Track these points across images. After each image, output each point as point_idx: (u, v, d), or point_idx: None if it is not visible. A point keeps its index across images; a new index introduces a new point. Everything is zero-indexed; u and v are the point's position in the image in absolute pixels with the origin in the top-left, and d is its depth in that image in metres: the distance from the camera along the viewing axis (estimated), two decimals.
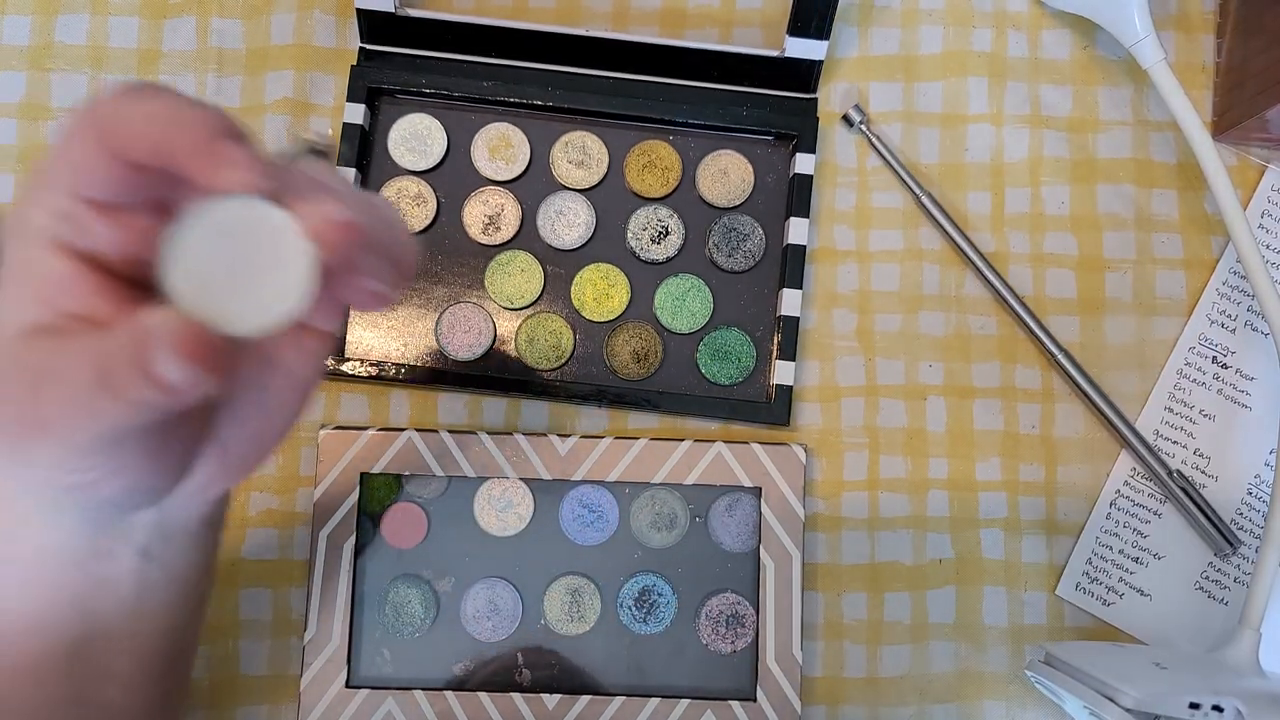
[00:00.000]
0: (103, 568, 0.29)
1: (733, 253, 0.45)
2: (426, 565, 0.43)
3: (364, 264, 0.26)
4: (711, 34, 0.47)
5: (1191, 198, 0.46)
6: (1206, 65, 0.47)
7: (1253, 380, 0.45)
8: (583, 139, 0.46)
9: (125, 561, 0.29)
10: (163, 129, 0.22)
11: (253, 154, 0.22)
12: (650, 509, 0.44)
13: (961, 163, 0.46)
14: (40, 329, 0.24)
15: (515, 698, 0.42)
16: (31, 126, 0.46)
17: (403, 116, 0.46)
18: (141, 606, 0.30)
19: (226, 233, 0.22)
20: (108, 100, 0.23)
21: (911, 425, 0.45)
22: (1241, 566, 0.44)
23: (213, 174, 0.22)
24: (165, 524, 0.29)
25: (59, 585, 0.28)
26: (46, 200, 0.24)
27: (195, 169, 0.22)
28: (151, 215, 0.25)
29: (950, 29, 0.47)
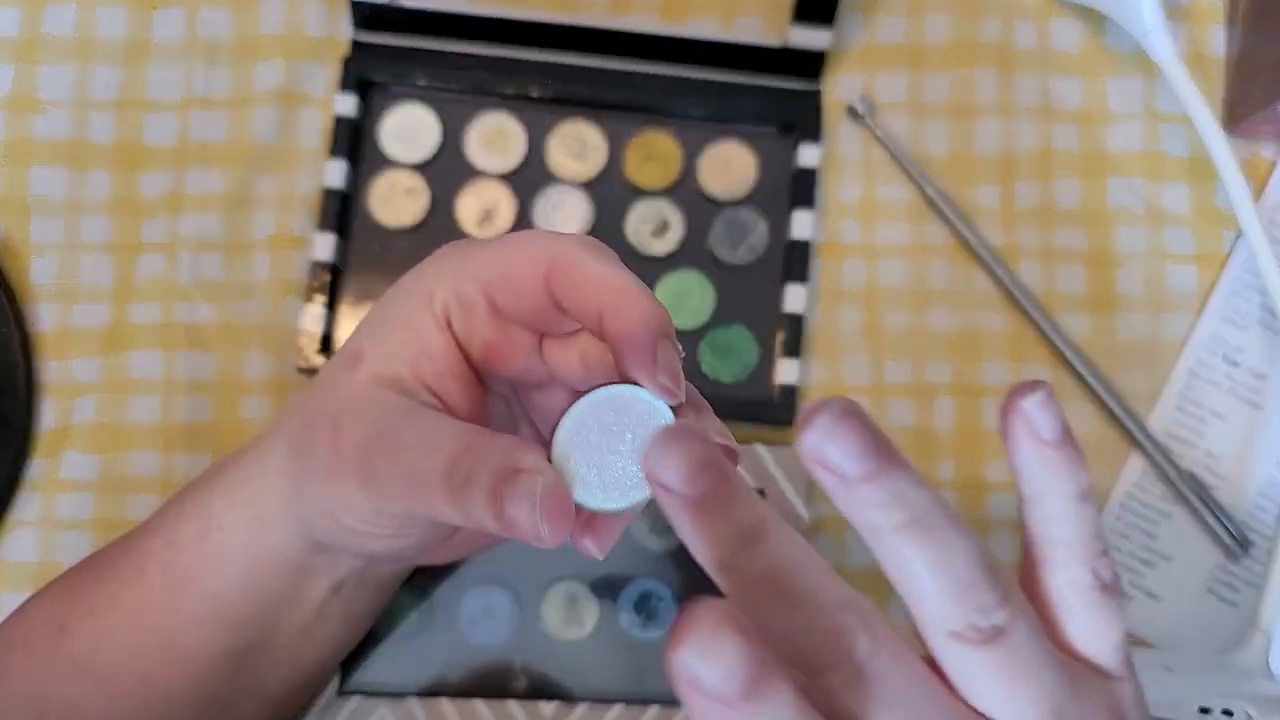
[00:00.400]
0: (303, 585, 0.31)
1: (735, 247, 0.44)
2: (421, 569, 0.42)
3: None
4: (713, 22, 0.46)
5: (1203, 191, 0.46)
6: (1217, 57, 0.47)
7: (1264, 379, 0.45)
8: (580, 130, 0.45)
9: (320, 588, 0.31)
10: (615, 309, 0.25)
11: (678, 364, 0.25)
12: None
13: (969, 155, 0.46)
14: (396, 383, 0.26)
15: (511, 704, 0.41)
16: (19, 119, 0.45)
17: (395, 107, 0.45)
18: (310, 633, 0.32)
19: (623, 415, 0.25)
20: (569, 243, 0.26)
21: (919, 425, 0.44)
22: (1253, 569, 0.44)
23: (649, 375, 0.24)
24: (366, 570, 0.32)
25: (266, 589, 0.30)
26: (457, 283, 0.26)
27: (634, 360, 0.24)
28: (527, 334, 0.27)
29: (958, 19, 0.46)
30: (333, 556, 0.31)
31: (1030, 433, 0.22)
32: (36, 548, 0.42)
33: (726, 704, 0.18)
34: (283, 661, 0.33)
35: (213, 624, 0.31)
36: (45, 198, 0.44)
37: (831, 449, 0.19)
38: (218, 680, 0.31)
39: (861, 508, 0.20)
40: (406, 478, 0.25)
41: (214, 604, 0.30)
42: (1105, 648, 0.23)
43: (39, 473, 0.43)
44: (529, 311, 0.26)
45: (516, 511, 0.23)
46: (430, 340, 0.26)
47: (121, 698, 0.31)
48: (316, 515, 0.28)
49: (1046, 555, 0.23)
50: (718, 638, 0.18)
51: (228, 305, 0.44)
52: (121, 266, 0.44)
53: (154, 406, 0.43)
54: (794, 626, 0.20)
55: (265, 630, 0.31)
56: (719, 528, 0.20)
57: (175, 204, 0.44)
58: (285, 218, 0.45)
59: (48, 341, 0.43)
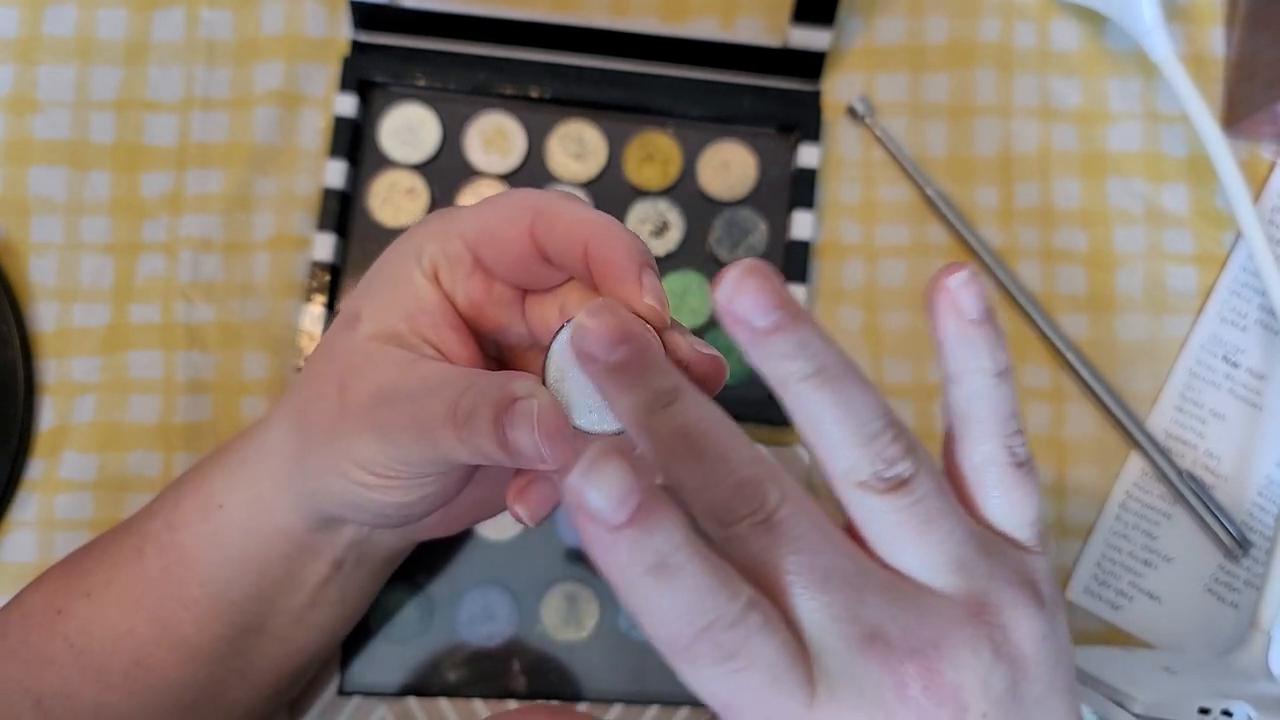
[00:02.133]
0: (301, 566, 0.31)
1: (735, 248, 0.44)
2: (420, 570, 0.42)
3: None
4: (713, 22, 0.46)
5: (1202, 192, 0.46)
6: (1216, 57, 0.47)
7: (1264, 379, 0.45)
8: (580, 130, 0.45)
9: (319, 569, 0.32)
10: (596, 239, 0.25)
11: (662, 289, 0.25)
12: None
13: (969, 156, 0.46)
14: (395, 338, 0.27)
15: (511, 704, 0.41)
16: (19, 119, 0.45)
17: (395, 107, 0.45)
18: (308, 616, 0.33)
19: None
20: (550, 194, 0.27)
21: (919, 426, 0.44)
22: (1252, 569, 0.44)
23: (637, 299, 0.25)
24: (363, 547, 0.32)
25: (264, 571, 0.31)
26: (444, 240, 0.27)
27: (620, 285, 0.25)
28: (512, 291, 0.28)
29: (957, 19, 0.46)
30: (334, 532, 0.31)
31: (954, 310, 0.23)
32: (35, 548, 0.42)
33: (614, 529, 0.19)
34: (277, 647, 0.33)
35: (209, 606, 0.31)
36: (45, 198, 0.44)
37: (741, 302, 0.21)
38: (211, 665, 0.31)
39: (771, 360, 0.21)
40: (413, 422, 0.25)
41: (211, 585, 0.31)
42: (1020, 522, 0.24)
43: (38, 472, 0.43)
44: (514, 264, 0.27)
45: (518, 436, 0.23)
46: (423, 295, 0.27)
47: (116, 682, 0.31)
48: (325, 480, 0.28)
49: (964, 432, 0.24)
50: (603, 463, 0.19)
51: (228, 305, 0.44)
52: (121, 266, 0.44)
53: (153, 406, 0.43)
54: (707, 481, 0.21)
55: (261, 614, 0.32)
56: (636, 391, 0.22)
57: (175, 204, 0.44)
58: (285, 218, 0.45)
59: (47, 341, 0.43)
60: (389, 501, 0.28)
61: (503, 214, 0.27)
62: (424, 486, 0.27)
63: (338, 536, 0.31)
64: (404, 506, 0.28)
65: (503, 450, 0.24)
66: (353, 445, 0.26)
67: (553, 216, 0.26)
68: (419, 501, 0.28)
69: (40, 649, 0.31)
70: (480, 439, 0.24)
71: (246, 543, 0.30)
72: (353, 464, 0.27)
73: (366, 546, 0.32)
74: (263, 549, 0.30)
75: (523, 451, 0.24)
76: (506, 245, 0.27)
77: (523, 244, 0.26)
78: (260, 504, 0.30)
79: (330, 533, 0.31)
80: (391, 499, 0.27)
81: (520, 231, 0.26)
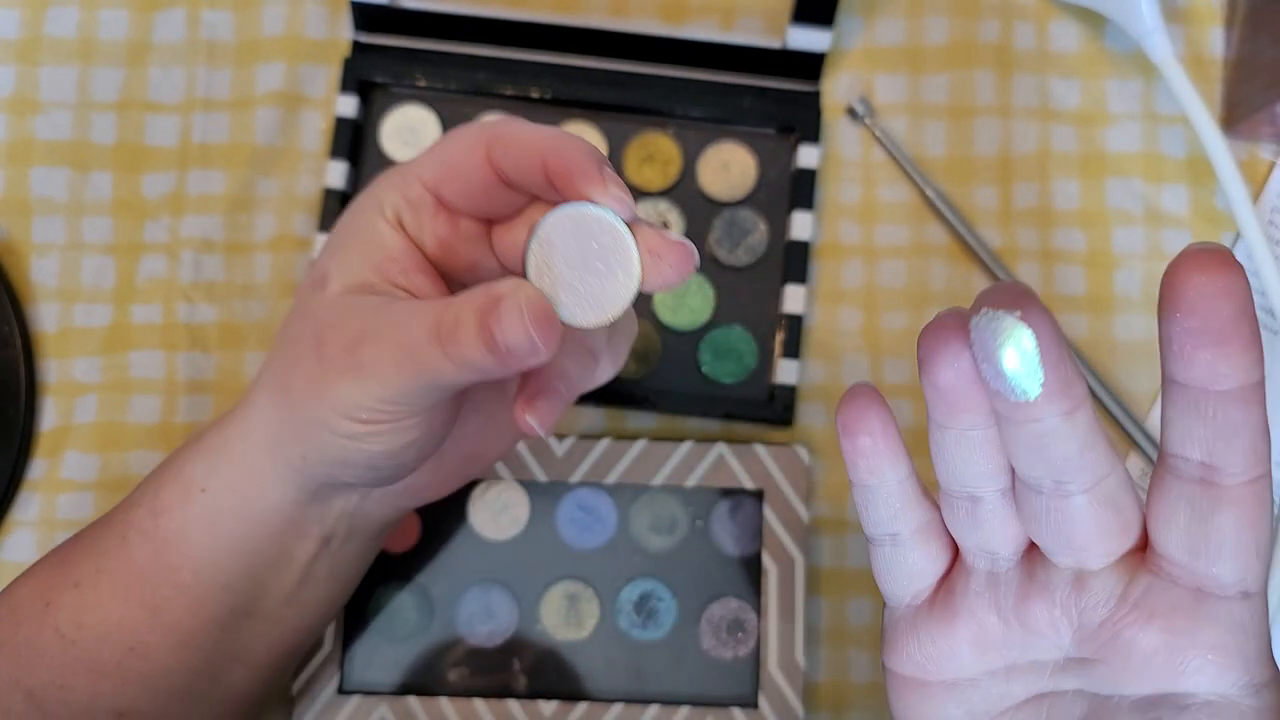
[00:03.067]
0: (291, 544, 0.31)
1: (734, 248, 0.44)
2: (420, 569, 0.42)
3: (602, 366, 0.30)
4: (712, 23, 0.46)
5: (1202, 193, 0.46)
6: (1216, 58, 0.47)
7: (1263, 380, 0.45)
8: (580, 131, 0.45)
9: (309, 544, 0.31)
10: (554, 150, 0.26)
11: (623, 183, 0.26)
12: (649, 512, 0.43)
13: (969, 156, 0.46)
14: (366, 288, 0.27)
15: (511, 704, 0.41)
16: (21, 120, 0.45)
17: (396, 108, 0.45)
18: (300, 594, 0.32)
19: (583, 235, 0.26)
20: (496, 121, 0.27)
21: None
22: None
23: (602, 192, 0.25)
24: (354, 519, 0.32)
25: (255, 551, 0.31)
26: (403, 187, 0.27)
27: (584, 181, 0.25)
28: (477, 225, 0.28)
29: (957, 20, 0.46)
30: (324, 505, 0.31)
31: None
32: (36, 548, 0.42)
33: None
34: (270, 628, 0.33)
35: (199, 590, 0.31)
36: (47, 198, 0.44)
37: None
38: (204, 650, 0.31)
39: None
40: (395, 352, 0.25)
41: (200, 569, 0.30)
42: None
43: (39, 473, 0.43)
44: (476, 194, 0.27)
45: (507, 331, 0.23)
46: (389, 243, 0.27)
47: (109, 670, 0.31)
48: (312, 439, 0.28)
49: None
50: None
51: (229, 306, 0.44)
52: (123, 267, 0.44)
53: (154, 407, 0.43)
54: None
55: (253, 595, 0.32)
56: None
57: (177, 205, 0.45)
58: (286, 219, 0.45)
59: (49, 341, 0.44)
60: (378, 451, 0.27)
61: (457, 148, 0.27)
62: (411, 430, 0.27)
63: (327, 510, 0.31)
64: (393, 455, 0.28)
65: (492, 353, 0.24)
66: (335, 394, 0.26)
67: (507, 140, 0.26)
68: (407, 449, 0.28)
69: (30, 641, 0.31)
70: (467, 348, 0.24)
71: (235, 525, 0.30)
72: (337, 414, 0.26)
73: (356, 518, 0.32)
74: (252, 529, 0.30)
75: (514, 347, 0.24)
76: (466, 177, 0.27)
77: (482, 172, 0.27)
78: (250, 482, 0.30)
79: (320, 506, 0.31)
80: (380, 447, 0.27)
81: (477, 161, 0.27)
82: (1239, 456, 0.21)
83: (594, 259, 0.26)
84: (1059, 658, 0.24)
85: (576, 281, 0.26)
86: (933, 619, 0.25)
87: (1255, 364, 0.20)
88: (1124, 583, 0.22)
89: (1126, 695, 0.23)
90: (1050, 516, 0.22)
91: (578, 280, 0.26)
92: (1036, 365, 0.20)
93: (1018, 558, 0.24)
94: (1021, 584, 0.23)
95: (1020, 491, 0.23)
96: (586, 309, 0.26)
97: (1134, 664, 0.22)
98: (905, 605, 0.26)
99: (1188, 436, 0.21)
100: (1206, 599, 0.22)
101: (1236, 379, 0.20)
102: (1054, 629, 0.23)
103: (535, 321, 0.23)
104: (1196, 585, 0.22)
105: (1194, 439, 0.21)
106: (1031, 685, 0.24)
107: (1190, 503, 0.21)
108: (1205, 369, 0.20)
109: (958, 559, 0.25)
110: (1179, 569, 0.22)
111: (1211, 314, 0.19)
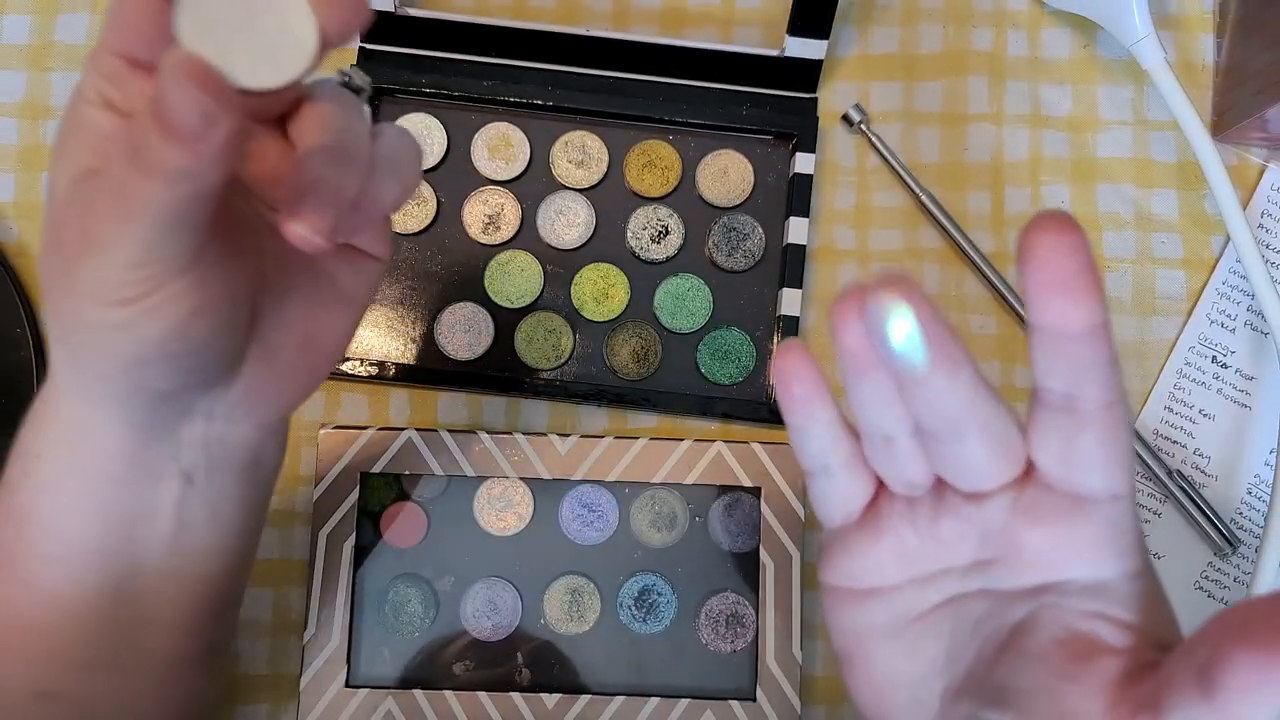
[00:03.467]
0: (149, 491, 0.29)
1: (732, 252, 0.45)
2: (426, 565, 0.43)
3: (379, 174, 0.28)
4: (711, 33, 0.47)
5: (1191, 197, 0.46)
6: (1206, 65, 0.47)
7: (1253, 380, 0.45)
8: (582, 138, 0.46)
9: (170, 485, 0.30)
10: None
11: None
12: (650, 509, 0.44)
13: (961, 162, 0.46)
14: (89, 173, 0.25)
15: (515, 697, 0.42)
16: (31, 126, 0.46)
17: (402, 116, 0.46)
18: (182, 542, 0.30)
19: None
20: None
21: None
22: (1241, 566, 0.44)
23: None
24: (211, 446, 0.30)
25: (111, 507, 0.29)
26: (95, 65, 0.26)
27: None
28: None
29: (950, 28, 0.47)
30: (165, 438, 0.29)
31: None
32: None
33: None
34: (166, 583, 0.31)
35: (70, 559, 0.29)
36: None
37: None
38: (101, 617, 0.30)
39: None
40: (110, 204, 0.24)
41: (61, 538, 0.29)
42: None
43: None
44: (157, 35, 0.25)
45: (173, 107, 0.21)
46: (103, 124, 0.26)
47: (14, 651, 0.30)
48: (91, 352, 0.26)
49: None
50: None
51: None
52: None
53: None
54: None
55: (131, 552, 0.30)
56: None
57: None
58: None
59: None
60: (160, 332, 0.25)
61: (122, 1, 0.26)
62: (183, 296, 0.25)
63: (174, 445, 0.29)
64: (181, 334, 0.25)
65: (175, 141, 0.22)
66: (81, 282, 0.24)
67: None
68: (193, 322, 0.25)
69: None
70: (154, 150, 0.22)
71: (78, 483, 0.29)
72: (93, 302, 0.25)
73: (214, 447, 0.30)
74: (97, 484, 0.29)
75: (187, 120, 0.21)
76: (140, 24, 0.25)
77: (150, 10, 0.25)
78: (74, 431, 0.28)
79: (162, 442, 0.29)
80: (158, 326, 0.25)
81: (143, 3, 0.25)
82: (1093, 385, 0.24)
83: (260, 13, 0.23)
84: (965, 563, 0.27)
85: (245, 41, 0.23)
86: (861, 536, 0.28)
87: (1099, 308, 0.23)
88: (1015, 496, 0.26)
89: (1021, 586, 0.26)
90: (949, 457, 0.26)
91: (246, 39, 0.23)
92: (919, 341, 0.23)
93: (929, 483, 0.27)
94: (933, 504, 0.27)
95: (923, 435, 0.26)
96: (265, 69, 0.23)
97: (1026, 560, 0.26)
98: (838, 525, 0.29)
99: (1050, 372, 0.24)
100: (1082, 503, 0.25)
101: (1085, 321, 0.23)
102: (961, 539, 0.27)
103: (197, 84, 0.21)
104: (1072, 493, 0.25)
105: (1055, 373, 0.24)
106: (944, 589, 0.28)
107: (1058, 427, 0.25)
108: (1058, 314, 0.23)
109: (882, 486, 0.28)
110: (1057, 480, 0.25)
111: (1060, 267, 0.22)
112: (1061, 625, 0.26)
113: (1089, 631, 0.25)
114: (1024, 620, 0.26)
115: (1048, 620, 0.26)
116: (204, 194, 0.23)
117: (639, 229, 0.45)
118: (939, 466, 0.26)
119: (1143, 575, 0.26)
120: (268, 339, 0.29)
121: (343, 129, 0.26)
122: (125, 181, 0.23)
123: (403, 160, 0.29)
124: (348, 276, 0.30)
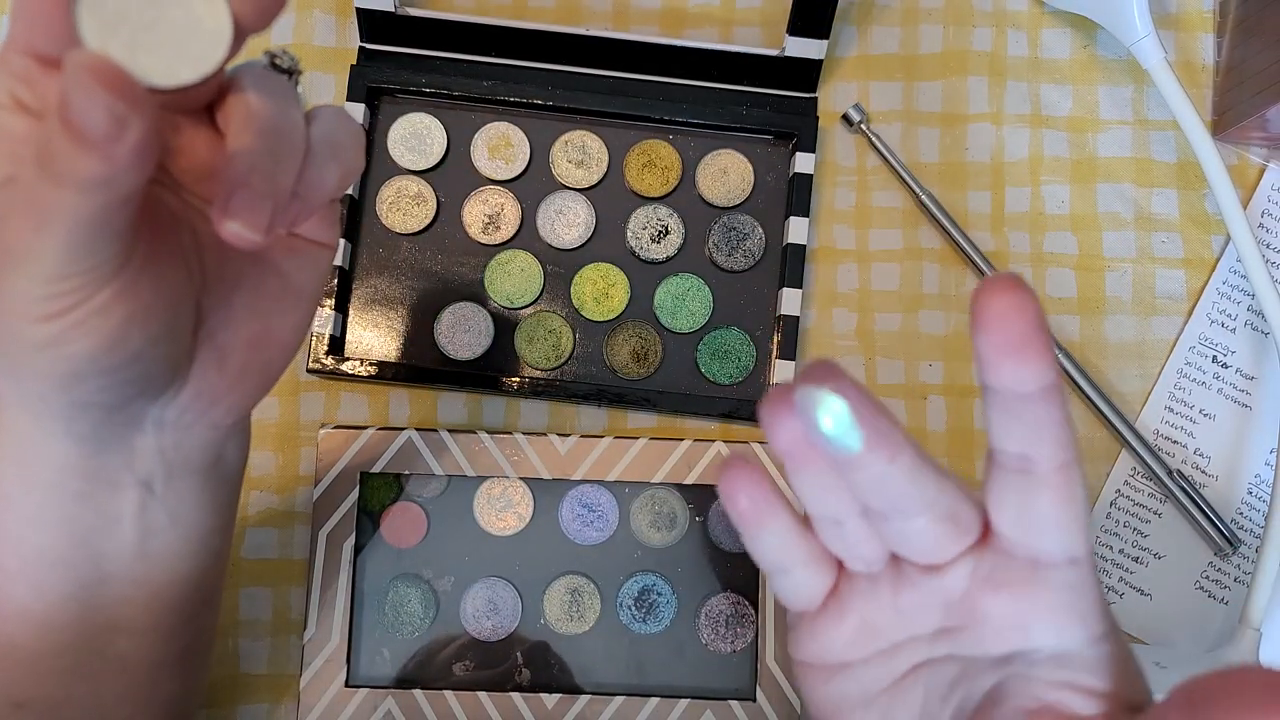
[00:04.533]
0: (107, 501, 0.28)
1: (732, 252, 0.45)
2: (426, 564, 0.43)
3: (317, 159, 0.26)
4: (711, 33, 0.47)
5: (1192, 197, 0.46)
6: (1206, 64, 0.47)
7: (1253, 380, 0.45)
8: (582, 138, 0.46)
9: (129, 494, 0.29)
10: None
11: None
12: (650, 508, 0.44)
13: (961, 162, 0.46)
14: (8, 182, 0.23)
15: (515, 697, 0.42)
16: None
17: (402, 116, 0.46)
18: (147, 548, 0.30)
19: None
20: None
21: (911, 425, 0.45)
22: (1242, 566, 0.44)
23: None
24: (167, 453, 0.29)
25: (68, 519, 0.28)
26: (4, 67, 0.24)
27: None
28: None
29: (950, 28, 0.47)
30: (117, 449, 0.28)
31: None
32: None
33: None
34: (134, 590, 0.30)
35: (30, 572, 0.29)
36: None
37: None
38: (69, 626, 0.29)
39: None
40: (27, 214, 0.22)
41: (19, 550, 0.29)
42: None
43: None
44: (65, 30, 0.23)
45: (81, 111, 0.20)
46: (13, 127, 0.24)
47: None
48: (21, 368, 0.25)
49: None
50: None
51: None
52: None
53: None
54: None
55: (95, 563, 0.29)
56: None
57: None
58: None
59: None
60: (94, 345, 0.24)
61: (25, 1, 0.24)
62: (115, 306, 0.24)
63: (127, 454, 0.28)
64: (118, 346, 0.24)
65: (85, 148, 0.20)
66: (5, 297, 0.23)
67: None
68: (128, 331, 0.24)
69: None
70: (63, 158, 0.21)
71: (31, 498, 0.28)
72: (19, 319, 0.23)
73: (170, 453, 0.29)
74: (51, 497, 0.28)
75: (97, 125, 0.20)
76: (46, 20, 0.23)
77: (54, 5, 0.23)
78: (21, 448, 0.27)
79: (114, 452, 0.28)
80: (91, 340, 0.24)
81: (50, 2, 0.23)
82: (1047, 446, 0.24)
83: (168, 6, 0.22)
84: (930, 631, 0.27)
85: (154, 36, 0.22)
86: (825, 619, 0.28)
87: (1049, 368, 0.23)
88: (974, 563, 0.26)
89: (988, 654, 0.26)
90: (899, 535, 0.26)
91: (154, 34, 0.22)
92: (850, 425, 0.23)
93: (886, 559, 0.27)
94: (892, 578, 0.27)
95: (872, 515, 0.26)
96: (177, 64, 0.22)
97: (990, 628, 0.26)
98: (802, 611, 0.29)
99: (1006, 434, 0.24)
100: (1041, 568, 0.25)
101: (1036, 382, 0.23)
102: (923, 610, 0.27)
103: (104, 86, 0.20)
104: (1031, 557, 0.25)
105: (1010, 435, 0.24)
106: (912, 656, 0.28)
107: (1015, 489, 0.25)
108: (1010, 375, 0.23)
109: (843, 569, 0.28)
110: (1015, 545, 0.25)
111: (1010, 330, 0.22)
112: (1030, 695, 0.25)
113: (1057, 702, 0.25)
114: (993, 690, 0.26)
115: (1016, 691, 0.26)
116: (122, 199, 0.22)
117: (639, 229, 0.45)
118: (891, 544, 0.26)
119: (1108, 638, 0.26)
120: (215, 339, 0.28)
121: (272, 116, 0.24)
122: (37, 190, 0.22)
123: (342, 142, 0.27)
124: (295, 267, 0.29)
